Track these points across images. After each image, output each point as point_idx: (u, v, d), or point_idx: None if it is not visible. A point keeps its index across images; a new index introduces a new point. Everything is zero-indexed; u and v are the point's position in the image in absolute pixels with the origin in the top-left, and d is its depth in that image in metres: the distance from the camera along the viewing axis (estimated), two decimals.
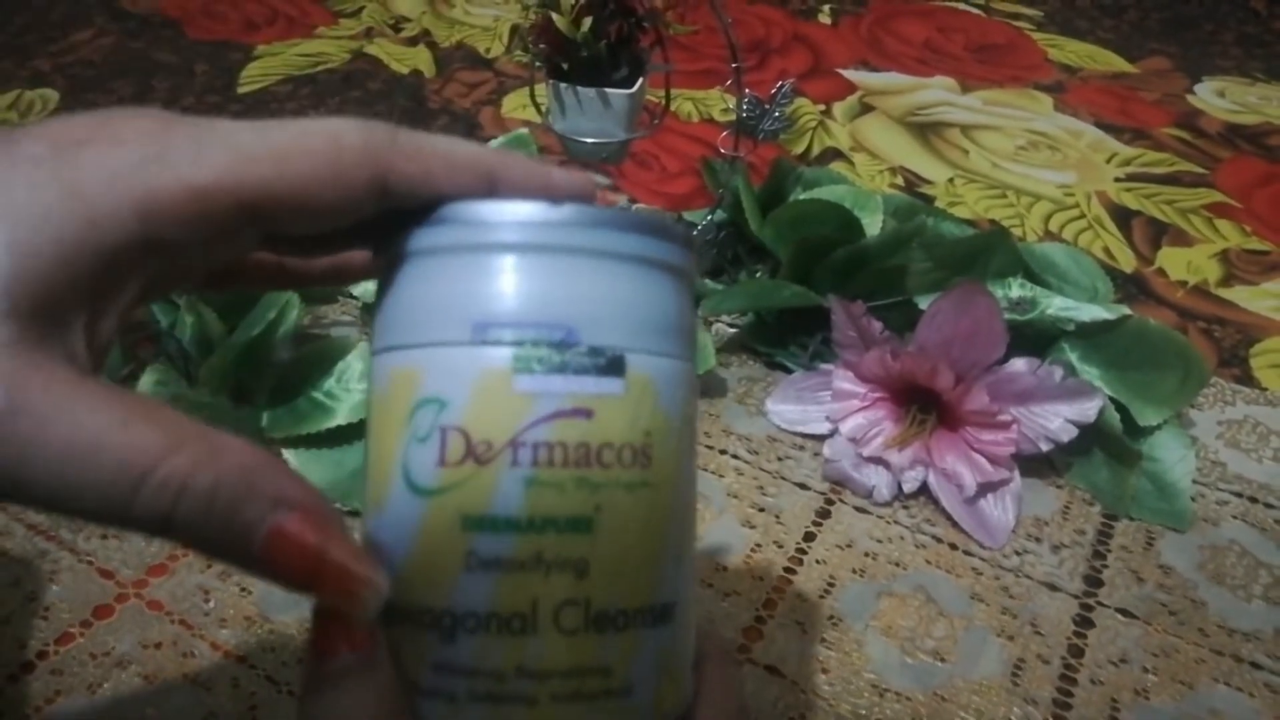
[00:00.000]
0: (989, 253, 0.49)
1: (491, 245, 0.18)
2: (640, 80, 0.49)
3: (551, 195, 0.19)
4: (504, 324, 0.18)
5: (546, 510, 0.18)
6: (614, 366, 0.18)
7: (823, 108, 0.81)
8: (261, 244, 0.19)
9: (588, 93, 0.48)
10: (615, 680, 0.18)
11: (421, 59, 0.86)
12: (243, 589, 0.38)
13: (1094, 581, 0.41)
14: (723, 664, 0.21)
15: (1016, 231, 0.66)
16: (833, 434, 0.46)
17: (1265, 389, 0.53)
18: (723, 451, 0.46)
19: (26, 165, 0.15)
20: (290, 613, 0.37)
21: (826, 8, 1.00)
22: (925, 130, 0.79)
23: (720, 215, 0.55)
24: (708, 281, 0.56)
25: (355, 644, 0.17)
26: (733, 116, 0.51)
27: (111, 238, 0.15)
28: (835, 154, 0.75)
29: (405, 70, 0.84)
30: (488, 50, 0.88)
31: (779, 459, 0.46)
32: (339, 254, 0.22)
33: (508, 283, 0.18)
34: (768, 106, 0.51)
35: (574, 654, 0.18)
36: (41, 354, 0.15)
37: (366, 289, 0.51)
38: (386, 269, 0.20)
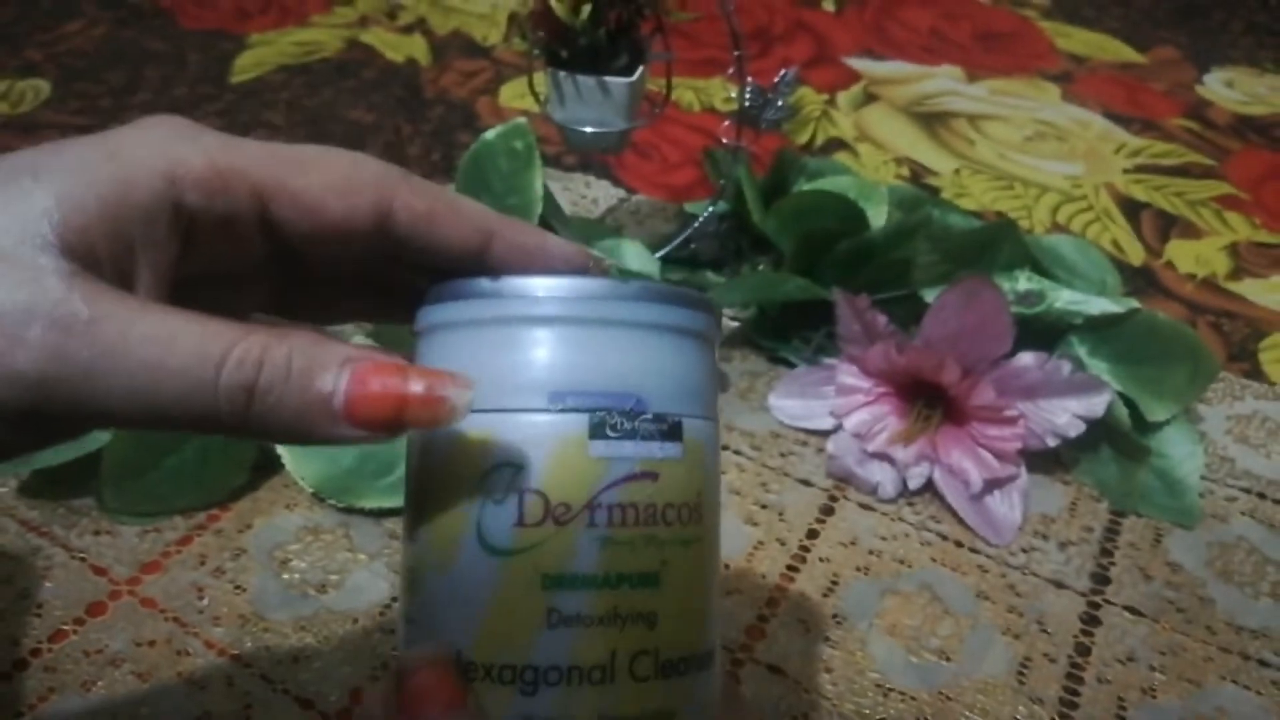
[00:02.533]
0: (996, 245, 0.48)
1: (561, 318, 0.19)
2: (640, 69, 0.48)
3: (545, 259, 0.21)
4: (580, 393, 0.19)
5: (621, 567, 0.19)
6: (674, 432, 0.20)
7: (826, 97, 0.80)
8: (281, 262, 0.20)
9: (587, 81, 0.47)
10: None
11: (417, 47, 0.85)
12: (237, 587, 0.38)
13: (1101, 579, 0.41)
14: (735, 703, 0.22)
15: (1024, 223, 0.65)
16: (837, 430, 0.45)
17: (1274, 384, 0.53)
18: (724, 448, 0.46)
19: (72, 143, 0.18)
20: (284, 611, 0.37)
21: None
22: (931, 120, 0.78)
23: (722, 206, 0.54)
24: (709, 274, 0.55)
25: (445, 705, 0.18)
26: (735, 106, 0.50)
27: (142, 196, 0.17)
28: (839, 144, 0.74)
29: (400, 59, 0.83)
30: (485, 38, 0.87)
31: (782, 455, 0.46)
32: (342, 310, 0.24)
33: (581, 355, 0.19)
34: (770, 95, 0.50)
35: (646, 700, 0.19)
36: (103, 281, 0.17)
37: None
38: (446, 334, 0.20)
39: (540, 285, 0.20)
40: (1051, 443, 0.42)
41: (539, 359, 0.19)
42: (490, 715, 0.18)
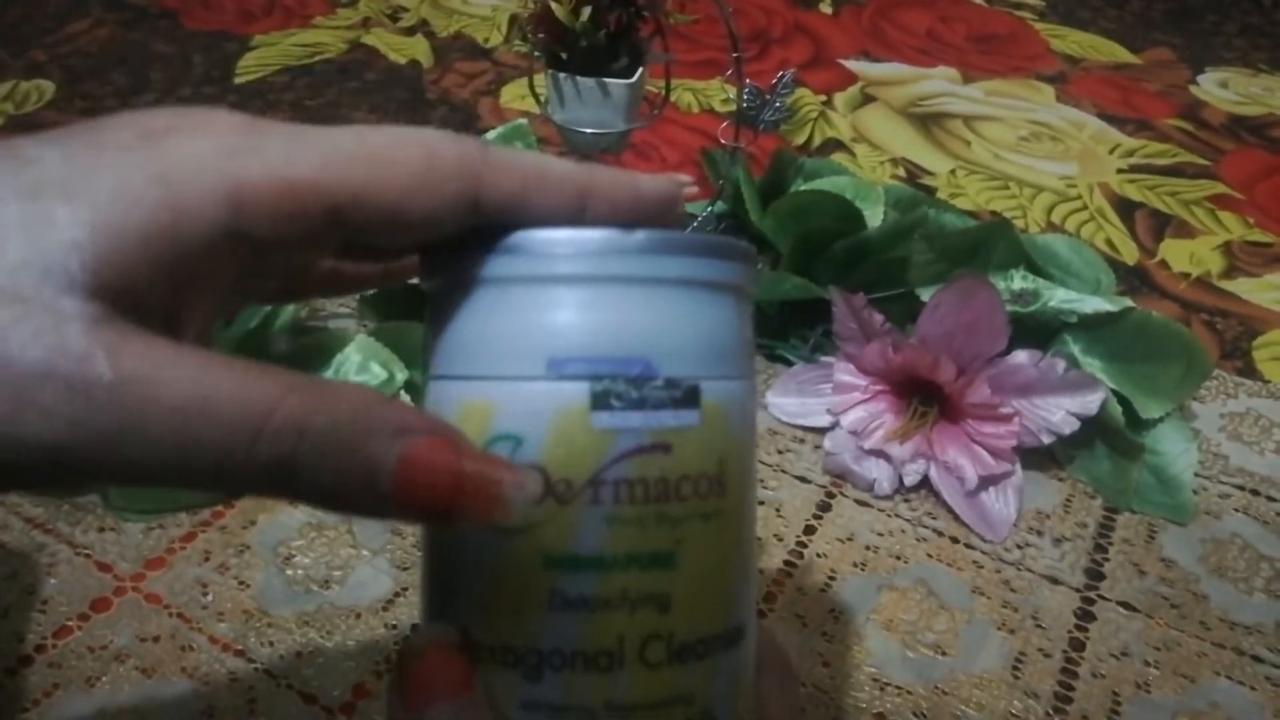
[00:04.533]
0: (991, 244, 0.48)
1: (563, 277, 0.18)
2: (640, 70, 0.49)
3: (640, 205, 0.19)
4: (580, 359, 0.18)
5: (629, 548, 0.18)
6: (690, 397, 0.18)
7: (824, 98, 0.81)
8: (338, 253, 0.18)
9: (587, 83, 0.48)
10: (697, 707, 0.18)
11: (419, 49, 0.85)
12: (241, 583, 0.38)
13: (1095, 575, 0.41)
14: (782, 675, 0.21)
15: (1018, 223, 0.66)
16: (833, 427, 0.45)
17: (1268, 381, 0.53)
18: None
19: (111, 151, 0.15)
20: (288, 607, 0.37)
21: None
22: (927, 121, 0.78)
23: (720, 207, 0.55)
24: None
25: (452, 688, 0.17)
26: (733, 107, 0.51)
27: (199, 227, 0.15)
28: (836, 145, 0.74)
29: (403, 60, 0.83)
30: (486, 40, 0.88)
31: (779, 452, 0.46)
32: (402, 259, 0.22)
33: (581, 316, 0.18)
34: (768, 97, 0.51)
35: (659, 686, 0.18)
36: (133, 326, 0.14)
37: None
38: (448, 292, 0.19)
39: (537, 240, 0.18)
40: (1046, 440, 0.42)
41: (538, 322, 0.18)
42: (497, 699, 0.18)
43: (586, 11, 0.46)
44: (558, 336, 0.18)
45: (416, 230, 0.17)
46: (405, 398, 0.42)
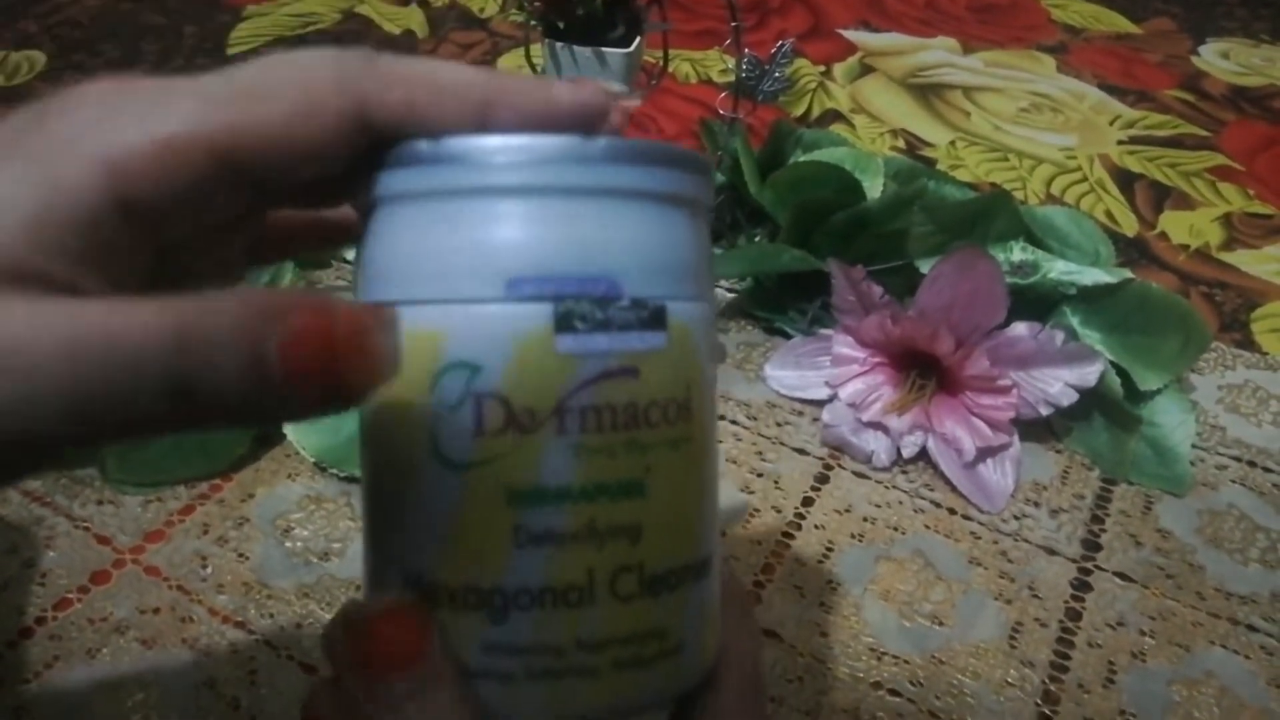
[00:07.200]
0: (990, 216, 0.48)
1: (519, 188, 0.16)
2: (637, 39, 0.48)
3: (556, 118, 0.17)
4: (542, 278, 0.16)
5: (598, 477, 0.17)
6: (657, 318, 0.17)
7: (823, 69, 0.80)
8: (257, 200, 0.17)
9: (584, 52, 0.47)
10: (670, 641, 0.18)
11: (414, 19, 0.84)
12: (240, 555, 0.38)
13: (1092, 545, 0.41)
14: (742, 608, 0.20)
15: (1018, 195, 0.65)
16: (832, 399, 0.45)
17: (1266, 353, 0.53)
18: (721, 417, 0.46)
19: None
20: (287, 578, 0.37)
21: None
22: (926, 92, 0.78)
23: (718, 178, 0.54)
24: None
25: (408, 661, 0.16)
26: (731, 77, 0.50)
27: (80, 200, 0.14)
28: (835, 116, 0.74)
29: (398, 31, 0.82)
30: (482, 10, 0.87)
31: (778, 424, 0.46)
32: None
33: (540, 231, 0.16)
34: (767, 67, 0.50)
35: (632, 620, 0.17)
36: (11, 291, 0.14)
37: None
38: (384, 209, 0.17)
39: (489, 147, 0.16)
40: (1044, 411, 0.42)
41: (493, 238, 0.16)
42: (457, 646, 0.17)
43: None
44: (514, 254, 0.16)
45: (308, 161, 0.16)
46: None
